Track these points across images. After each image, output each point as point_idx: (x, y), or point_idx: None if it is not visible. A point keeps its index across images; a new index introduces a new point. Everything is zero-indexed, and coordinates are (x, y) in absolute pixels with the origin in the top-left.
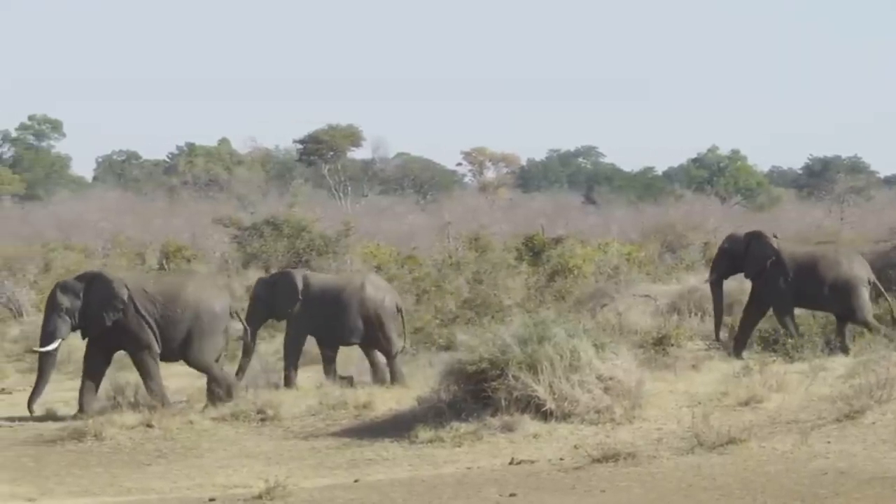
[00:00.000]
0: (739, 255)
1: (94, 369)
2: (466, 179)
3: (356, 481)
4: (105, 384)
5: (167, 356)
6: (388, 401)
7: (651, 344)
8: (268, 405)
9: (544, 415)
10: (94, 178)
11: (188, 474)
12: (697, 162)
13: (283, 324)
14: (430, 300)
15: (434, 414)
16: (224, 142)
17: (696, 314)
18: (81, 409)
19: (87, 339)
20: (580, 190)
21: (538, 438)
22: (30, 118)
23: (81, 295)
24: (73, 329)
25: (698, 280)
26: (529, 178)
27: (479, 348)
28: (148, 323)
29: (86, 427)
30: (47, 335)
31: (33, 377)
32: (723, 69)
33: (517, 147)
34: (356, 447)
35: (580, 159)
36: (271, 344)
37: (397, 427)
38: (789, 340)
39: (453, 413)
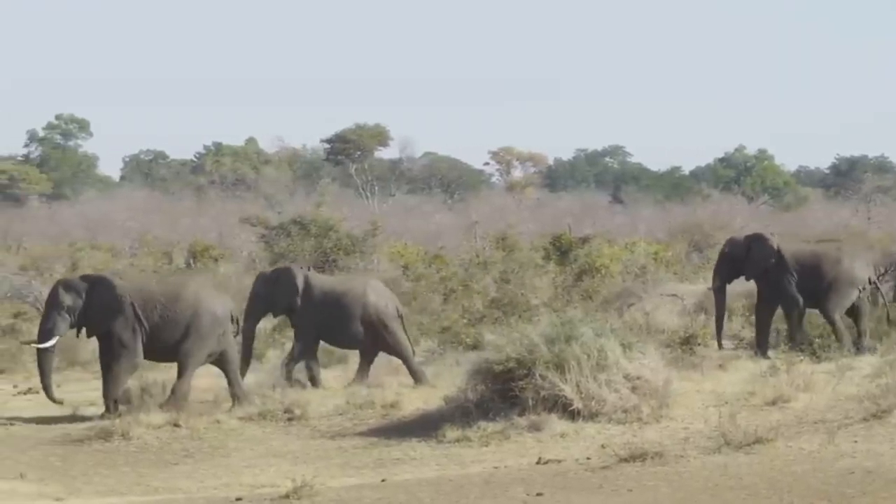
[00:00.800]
0: (740, 258)
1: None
2: (494, 179)
3: (383, 481)
4: (132, 383)
5: (165, 357)
6: (416, 400)
7: (678, 343)
8: (295, 405)
9: (571, 414)
10: (122, 178)
11: (215, 474)
12: (724, 161)
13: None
14: (457, 300)
15: (461, 413)
16: (251, 141)
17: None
18: (108, 409)
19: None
20: (607, 189)
21: (565, 438)
22: (57, 117)
23: (83, 295)
24: (72, 328)
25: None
26: (556, 177)
27: (506, 348)
28: (144, 331)
29: (113, 427)
30: (45, 332)
31: (60, 376)
32: (750, 69)
33: (544, 146)
34: (383, 447)
35: (607, 159)
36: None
37: (424, 426)
38: (816, 338)
39: (480, 412)
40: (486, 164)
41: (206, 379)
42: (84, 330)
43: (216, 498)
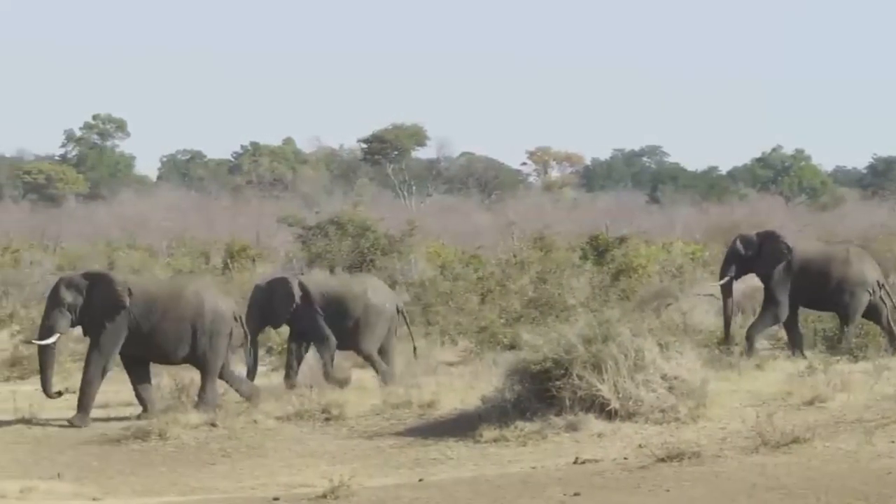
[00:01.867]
0: (752, 256)
1: (129, 370)
2: (531, 179)
3: (420, 480)
4: (169, 382)
5: (166, 359)
6: (453, 400)
7: (715, 343)
8: (332, 404)
9: (609, 414)
10: (159, 178)
11: (252, 473)
12: (762, 161)
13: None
14: (494, 300)
15: (498, 413)
16: (288, 141)
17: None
18: (145, 409)
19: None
20: (644, 189)
21: (603, 438)
22: (94, 117)
23: (84, 293)
24: (72, 325)
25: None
26: (594, 177)
27: (543, 348)
28: (141, 332)
29: (150, 426)
30: (46, 329)
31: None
32: (787, 68)
33: (581, 146)
34: (420, 446)
35: (644, 159)
36: None
37: (462, 426)
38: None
39: (518, 412)
40: (524, 163)
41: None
42: (83, 329)
43: (253, 498)
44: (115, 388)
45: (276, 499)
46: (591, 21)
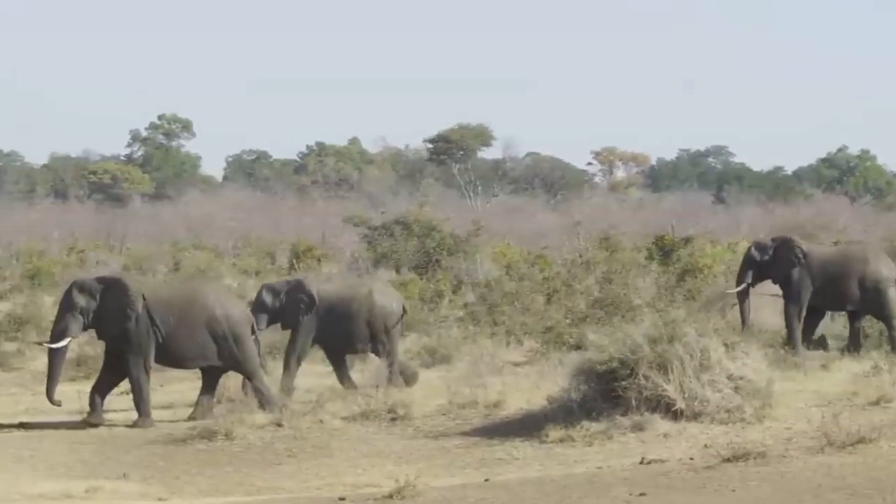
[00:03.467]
0: (767, 262)
1: (105, 371)
2: (596, 179)
3: (486, 481)
4: (234, 383)
5: (184, 363)
6: (519, 400)
7: (781, 343)
8: (398, 404)
9: (674, 414)
10: (224, 178)
11: (318, 473)
12: (827, 162)
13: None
14: (560, 300)
15: (564, 413)
16: (354, 141)
17: (826, 314)
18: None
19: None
20: (710, 189)
21: (668, 438)
22: (160, 117)
23: (98, 297)
24: (85, 329)
25: None
26: (659, 177)
27: (609, 348)
28: (158, 334)
29: (216, 427)
30: (58, 333)
31: (161, 376)
32: (853, 69)
33: (647, 147)
34: (486, 446)
35: (710, 159)
36: (401, 343)
37: (527, 426)
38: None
39: (583, 413)
40: (589, 164)
41: (307, 379)
42: (97, 333)
43: (319, 498)
44: (181, 387)
45: (342, 499)
46: (653, 22)
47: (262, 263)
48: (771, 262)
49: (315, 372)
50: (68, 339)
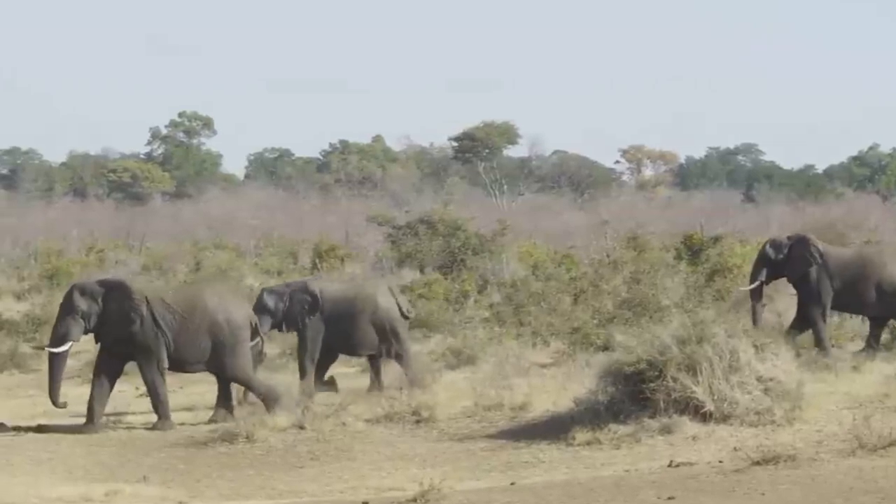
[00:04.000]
0: (781, 260)
1: (104, 378)
2: (624, 177)
3: (512, 484)
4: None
5: (185, 367)
6: (545, 402)
7: (811, 345)
8: (422, 406)
9: (703, 416)
10: (246, 176)
11: (341, 477)
12: (858, 160)
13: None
14: (587, 300)
15: (591, 416)
16: (378, 139)
17: (856, 315)
18: (90, 420)
19: (100, 347)
20: (739, 188)
21: (697, 440)
22: (180, 115)
23: (100, 301)
24: (86, 333)
25: None
26: (688, 176)
27: (637, 349)
28: (165, 336)
29: (237, 429)
30: (58, 337)
31: (180, 379)
32: (886, 65)
33: (676, 145)
34: (512, 449)
35: (739, 157)
36: (426, 344)
37: (554, 429)
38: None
39: (611, 415)
40: (617, 162)
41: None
42: (98, 337)
43: (342, 501)
44: (201, 389)
45: (365, 502)
46: (679, 19)
47: (284, 263)
48: (786, 261)
49: (338, 373)
50: (70, 344)
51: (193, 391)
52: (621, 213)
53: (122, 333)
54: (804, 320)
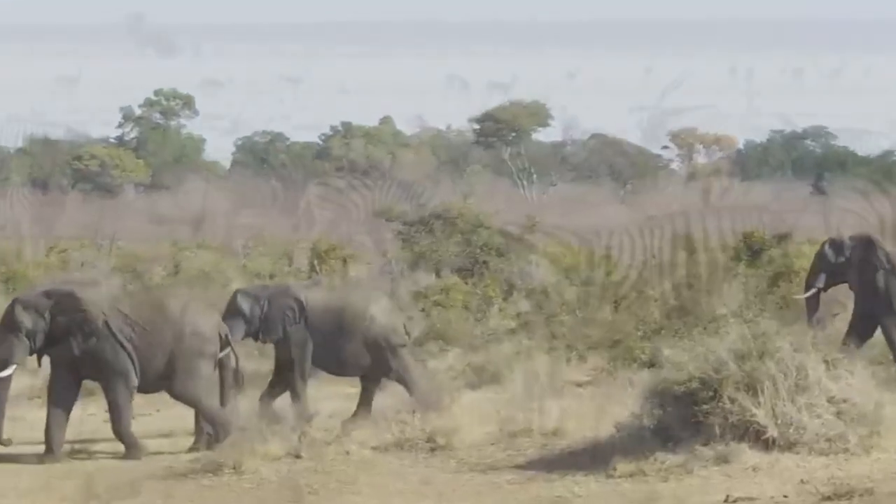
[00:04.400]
0: (843, 264)
1: (61, 401)
2: (673, 166)
3: None
4: (248, 407)
5: (146, 387)
6: (582, 427)
7: (892, 360)
8: (438, 432)
9: (765, 444)
10: (233, 164)
11: None
12: None
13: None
14: (629, 308)
15: (635, 443)
16: (386, 121)
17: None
18: (50, 449)
19: (52, 366)
20: (808, 178)
21: (758, 472)
22: (156, 93)
23: (47, 315)
24: (31, 353)
25: None
26: (747, 163)
27: (688, 365)
28: (125, 349)
29: (223, 458)
30: (0, 361)
31: (159, 401)
32: None
33: (733, 128)
34: (543, 482)
35: (808, 141)
36: (443, 360)
37: (592, 458)
38: None
39: (658, 442)
40: (665, 147)
41: (332, 402)
42: (49, 356)
43: None
44: (181, 412)
45: None
46: None
47: (277, 265)
48: (847, 265)
49: (340, 394)
50: (13, 368)
51: (172, 414)
52: (669, 208)
53: (75, 351)
54: (862, 334)
